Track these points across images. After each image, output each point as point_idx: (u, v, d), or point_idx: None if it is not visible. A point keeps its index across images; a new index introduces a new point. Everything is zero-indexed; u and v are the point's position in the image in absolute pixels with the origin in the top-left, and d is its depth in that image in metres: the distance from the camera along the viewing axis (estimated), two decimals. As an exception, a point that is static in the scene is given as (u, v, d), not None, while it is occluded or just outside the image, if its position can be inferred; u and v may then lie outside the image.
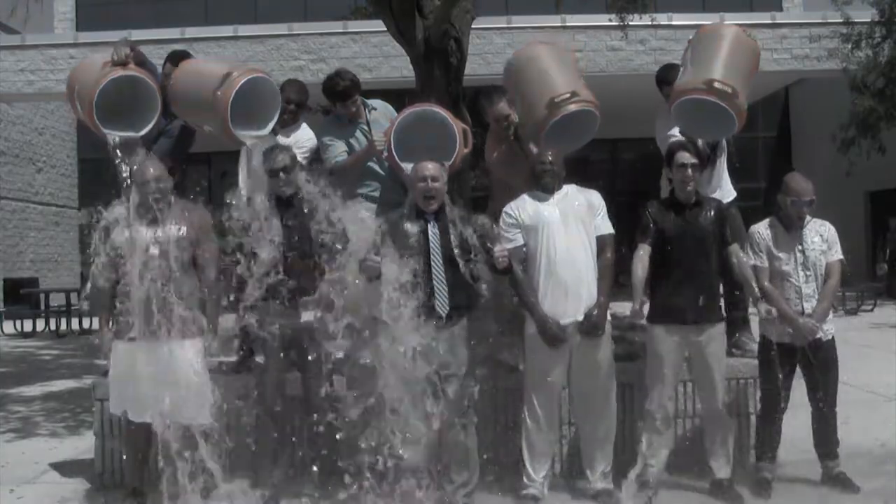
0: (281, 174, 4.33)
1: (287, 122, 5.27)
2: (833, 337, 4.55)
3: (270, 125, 4.92)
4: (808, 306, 4.46)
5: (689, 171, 4.38)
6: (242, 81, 4.61)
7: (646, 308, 4.42)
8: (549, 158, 4.44)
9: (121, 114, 4.82)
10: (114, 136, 4.75)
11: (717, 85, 4.48)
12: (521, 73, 4.95)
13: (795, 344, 4.45)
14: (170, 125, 5.12)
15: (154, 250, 4.18)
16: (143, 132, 4.83)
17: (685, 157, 4.39)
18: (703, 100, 4.54)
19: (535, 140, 4.84)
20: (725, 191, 5.30)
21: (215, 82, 4.61)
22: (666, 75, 5.35)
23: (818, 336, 4.45)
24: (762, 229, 4.58)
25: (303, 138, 5.33)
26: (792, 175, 4.63)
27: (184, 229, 4.27)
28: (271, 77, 4.94)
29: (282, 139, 5.08)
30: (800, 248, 4.49)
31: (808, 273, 4.48)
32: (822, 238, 4.53)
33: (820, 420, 4.58)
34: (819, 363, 4.48)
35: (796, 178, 4.55)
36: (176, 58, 5.14)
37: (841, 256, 4.57)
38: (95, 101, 4.65)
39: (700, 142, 4.89)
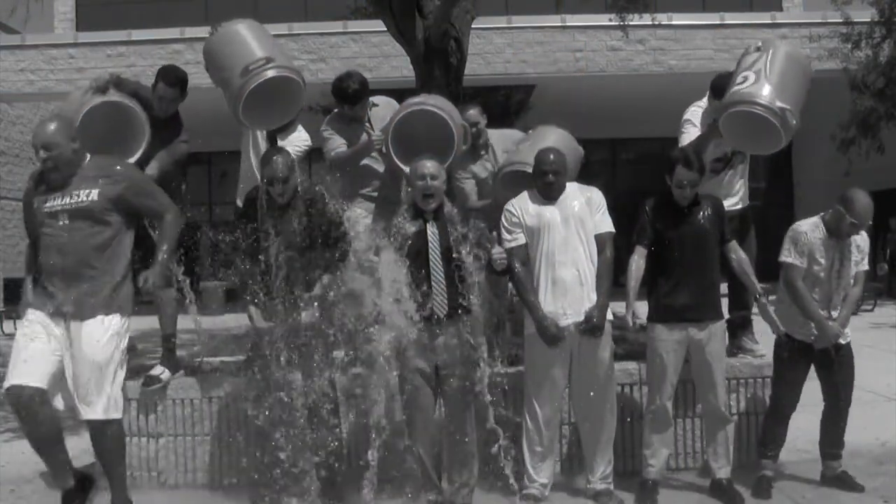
0: (280, 184, 4.23)
1: (282, 125, 5.25)
2: (850, 341, 4.59)
3: (277, 125, 4.91)
4: (834, 313, 4.49)
5: (688, 190, 4.38)
6: (274, 75, 4.56)
7: (643, 311, 4.42)
8: (554, 167, 4.33)
9: (111, 142, 4.62)
10: None
11: (788, 116, 4.49)
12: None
13: (816, 346, 4.47)
14: (170, 144, 4.93)
15: (60, 221, 3.96)
16: (131, 160, 4.57)
17: (684, 174, 4.35)
18: (761, 116, 4.51)
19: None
20: (742, 196, 5.29)
21: (251, 60, 4.54)
22: (725, 85, 4.93)
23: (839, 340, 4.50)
24: (809, 231, 4.50)
25: (297, 140, 5.31)
26: (857, 193, 4.44)
27: (94, 193, 3.99)
28: (304, 83, 4.81)
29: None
30: (838, 256, 4.49)
31: (839, 282, 4.50)
32: (858, 249, 4.54)
33: (831, 421, 4.60)
34: (838, 366, 4.50)
35: (862, 201, 4.40)
36: (168, 75, 4.97)
37: (867, 267, 4.60)
38: (77, 130, 4.27)
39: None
